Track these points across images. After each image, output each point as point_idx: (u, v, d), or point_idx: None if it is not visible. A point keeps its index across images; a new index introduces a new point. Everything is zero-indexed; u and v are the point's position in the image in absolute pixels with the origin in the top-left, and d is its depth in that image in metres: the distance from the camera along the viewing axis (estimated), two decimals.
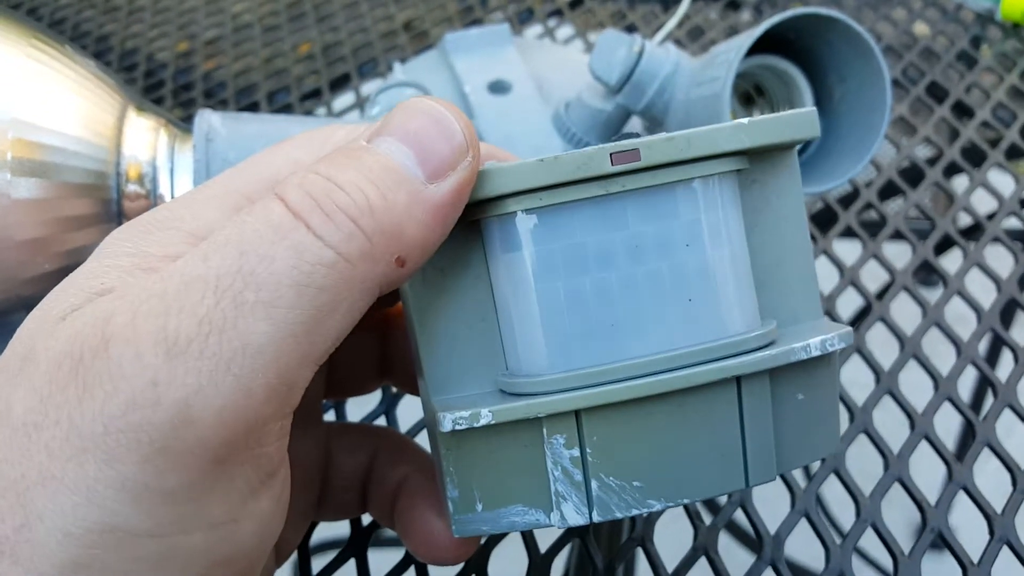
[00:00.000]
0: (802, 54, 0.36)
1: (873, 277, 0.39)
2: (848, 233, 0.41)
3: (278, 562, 0.24)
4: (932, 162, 0.44)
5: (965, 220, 0.43)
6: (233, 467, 0.17)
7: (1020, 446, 0.31)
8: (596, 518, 0.20)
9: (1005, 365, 0.35)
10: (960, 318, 0.37)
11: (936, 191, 0.44)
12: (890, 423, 0.33)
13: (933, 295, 0.37)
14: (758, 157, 0.21)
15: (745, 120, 0.20)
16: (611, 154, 0.19)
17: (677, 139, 0.19)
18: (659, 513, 0.20)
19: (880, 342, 0.36)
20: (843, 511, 0.32)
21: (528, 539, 0.29)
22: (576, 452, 0.20)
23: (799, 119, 0.21)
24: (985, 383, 0.34)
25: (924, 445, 0.32)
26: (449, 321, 0.21)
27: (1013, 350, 0.35)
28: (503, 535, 0.27)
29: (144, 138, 0.32)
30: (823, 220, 0.42)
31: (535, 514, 0.20)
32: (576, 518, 0.20)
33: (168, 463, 0.16)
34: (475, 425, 0.20)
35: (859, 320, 0.39)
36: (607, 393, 0.19)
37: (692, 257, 0.20)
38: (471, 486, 0.21)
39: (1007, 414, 0.32)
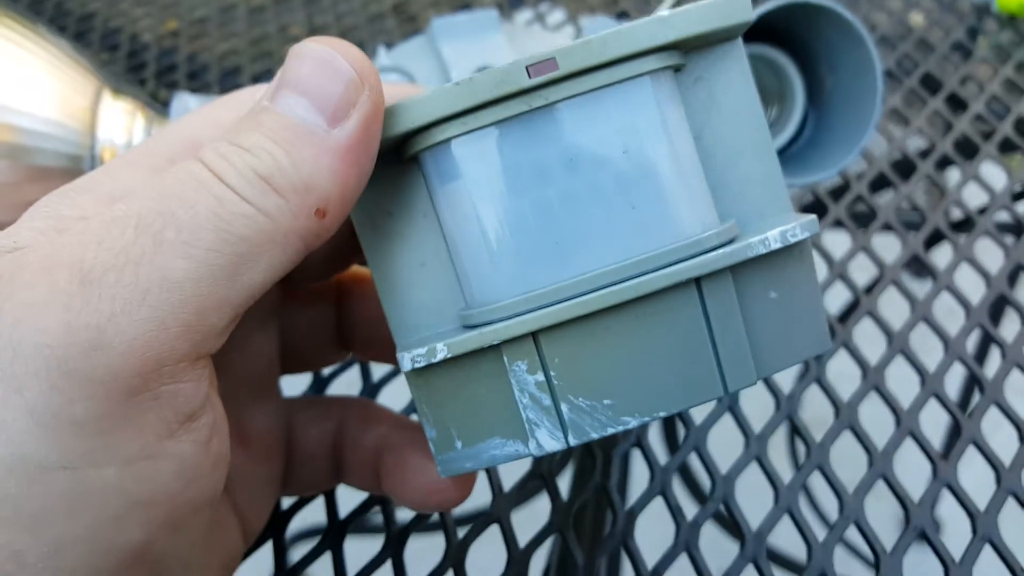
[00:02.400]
0: (793, 44, 0.35)
1: (862, 269, 0.39)
2: (838, 225, 0.41)
3: (245, 540, 0.24)
4: (924, 154, 0.44)
5: (957, 214, 0.42)
6: (145, 402, 0.17)
7: (1005, 444, 0.31)
8: (572, 441, 0.20)
9: (993, 362, 0.34)
10: (949, 313, 0.37)
11: (930, 184, 0.43)
12: (876, 419, 0.33)
13: (925, 286, 0.37)
14: (697, 51, 0.20)
15: (665, 11, 0.19)
16: (527, 67, 0.18)
17: (593, 42, 0.18)
18: (636, 430, 0.21)
19: (868, 337, 0.36)
20: (831, 500, 0.32)
21: (507, 534, 0.29)
22: (540, 377, 0.19)
23: (728, 4, 0.20)
24: (973, 380, 0.34)
25: (909, 442, 0.31)
26: (405, 263, 0.21)
27: (1001, 347, 0.34)
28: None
29: (120, 121, 0.31)
30: (813, 212, 0.41)
31: (513, 445, 0.20)
32: (552, 443, 0.20)
33: (77, 391, 0.16)
34: (433, 361, 0.19)
35: (847, 315, 0.38)
36: (558, 312, 0.19)
37: (631, 162, 0.19)
38: (447, 424, 0.21)
39: (993, 411, 0.32)
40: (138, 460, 0.17)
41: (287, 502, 0.30)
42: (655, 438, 0.55)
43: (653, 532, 0.32)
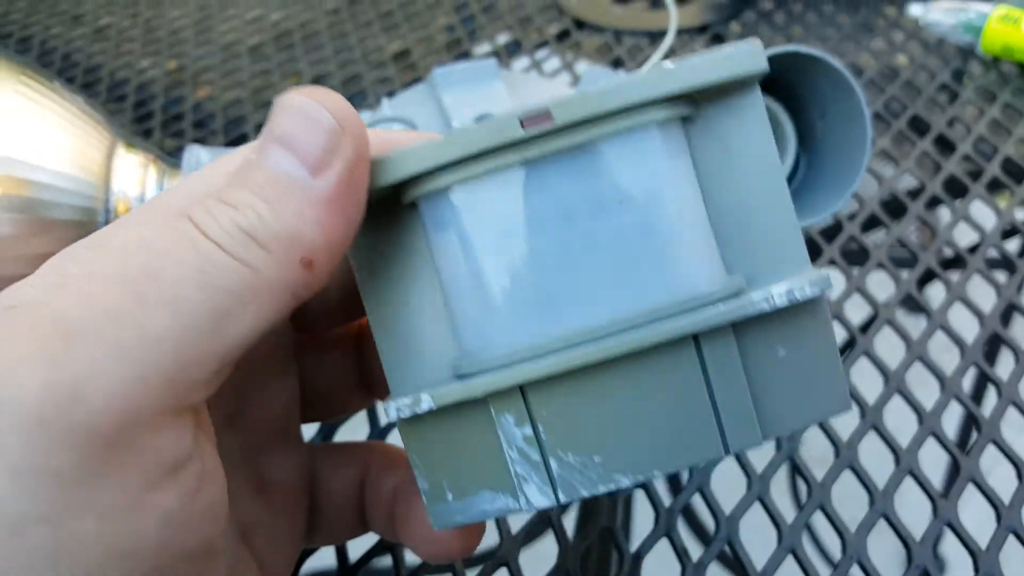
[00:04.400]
0: (784, 90, 0.36)
1: (858, 308, 0.40)
2: (831, 265, 0.42)
3: None
4: (915, 194, 0.45)
5: (948, 251, 0.43)
6: (125, 455, 0.17)
7: (1003, 480, 0.31)
8: (562, 498, 0.19)
9: (990, 400, 0.35)
10: (945, 350, 0.37)
11: (921, 222, 0.44)
12: (876, 458, 0.33)
13: (920, 322, 0.37)
14: (709, 100, 0.19)
15: (670, 63, 0.18)
16: (521, 119, 0.18)
17: (591, 95, 0.18)
18: (632, 487, 0.20)
19: (865, 375, 0.36)
20: (834, 539, 0.32)
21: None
22: (528, 431, 0.19)
23: (737, 54, 0.19)
24: (970, 418, 0.34)
25: (909, 480, 0.32)
26: (402, 310, 0.20)
27: (996, 385, 0.35)
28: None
29: (133, 174, 0.32)
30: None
31: (503, 499, 0.20)
32: (542, 500, 0.19)
33: (55, 444, 0.16)
34: (418, 411, 0.19)
35: (843, 354, 0.39)
36: (544, 366, 0.18)
37: (629, 215, 0.18)
38: (437, 476, 0.20)
39: (991, 449, 0.33)
40: (119, 512, 0.17)
41: None
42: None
43: (659, 574, 0.33)
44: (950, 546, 0.30)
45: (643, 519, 0.33)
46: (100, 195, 0.31)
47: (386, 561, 0.31)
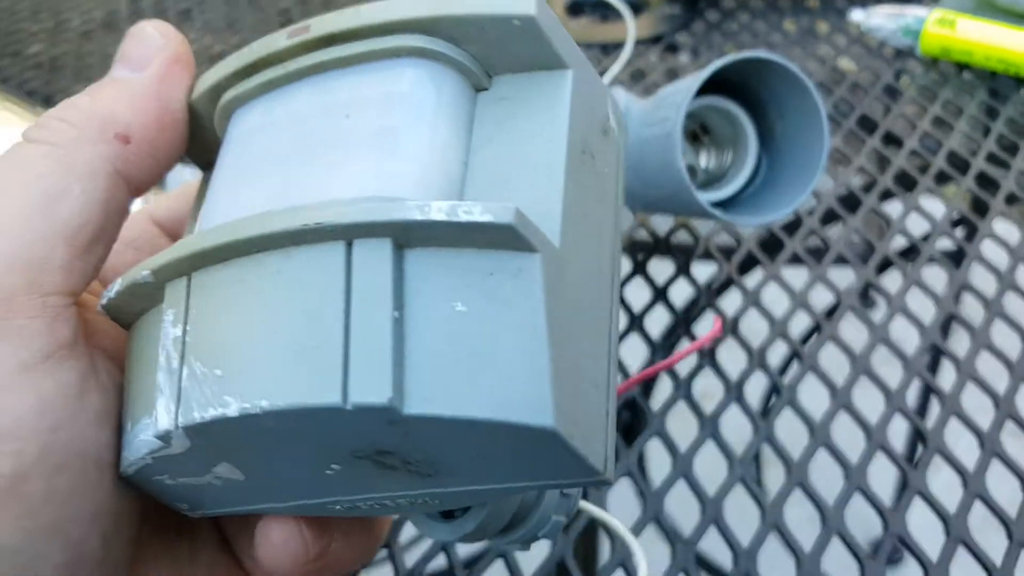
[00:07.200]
0: (744, 94, 0.38)
1: (820, 299, 0.42)
2: (794, 260, 0.44)
3: None
4: (867, 188, 0.47)
5: (900, 242, 0.45)
6: None
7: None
8: (181, 420, 0.16)
9: (947, 375, 0.37)
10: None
11: (869, 216, 0.47)
12: (847, 437, 0.35)
13: (874, 314, 0.39)
14: (513, 74, 0.19)
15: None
16: (288, 32, 0.20)
17: (351, 11, 0.19)
18: (240, 421, 0.16)
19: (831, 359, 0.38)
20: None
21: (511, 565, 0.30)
22: (179, 331, 0.17)
23: None
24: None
25: (880, 455, 0.34)
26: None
27: (955, 361, 0.37)
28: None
29: None
30: (771, 247, 0.44)
31: (148, 424, 0.17)
32: (166, 420, 0.17)
33: None
34: (110, 295, 0.19)
35: (808, 338, 0.41)
36: (196, 243, 0.17)
37: (348, 123, 0.19)
38: (129, 396, 0.19)
39: (954, 422, 0.34)
40: None
41: None
42: None
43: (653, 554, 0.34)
44: (921, 514, 0.32)
45: None
46: None
47: None
